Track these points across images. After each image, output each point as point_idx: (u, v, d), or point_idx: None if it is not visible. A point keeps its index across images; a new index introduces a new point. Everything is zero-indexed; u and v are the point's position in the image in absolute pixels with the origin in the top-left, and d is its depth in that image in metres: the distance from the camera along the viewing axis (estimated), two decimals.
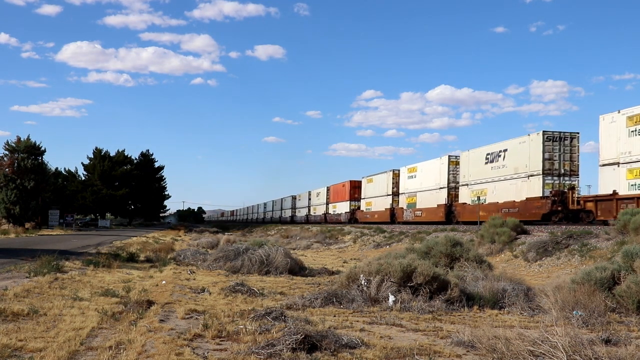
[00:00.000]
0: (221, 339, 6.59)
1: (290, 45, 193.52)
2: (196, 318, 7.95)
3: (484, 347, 6.11)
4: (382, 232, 32.77)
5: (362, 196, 51.07)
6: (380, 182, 46.50)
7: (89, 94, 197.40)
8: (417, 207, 38.53)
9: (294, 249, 27.02)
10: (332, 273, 15.84)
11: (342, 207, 55.88)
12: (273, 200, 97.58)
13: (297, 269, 15.55)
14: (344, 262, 21.21)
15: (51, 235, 38.76)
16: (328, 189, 62.75)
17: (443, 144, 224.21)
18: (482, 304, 9.44)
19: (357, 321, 8.05)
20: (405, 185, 41.22)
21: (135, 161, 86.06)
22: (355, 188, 53.56)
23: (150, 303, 8.90)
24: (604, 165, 21.62)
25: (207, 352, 5.97)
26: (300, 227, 49.26)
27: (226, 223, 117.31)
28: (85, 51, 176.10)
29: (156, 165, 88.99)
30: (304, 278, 14.55)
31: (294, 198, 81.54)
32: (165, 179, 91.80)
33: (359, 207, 51.66)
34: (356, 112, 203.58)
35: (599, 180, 22.06)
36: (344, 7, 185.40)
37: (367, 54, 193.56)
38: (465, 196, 32.86)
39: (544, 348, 5.48)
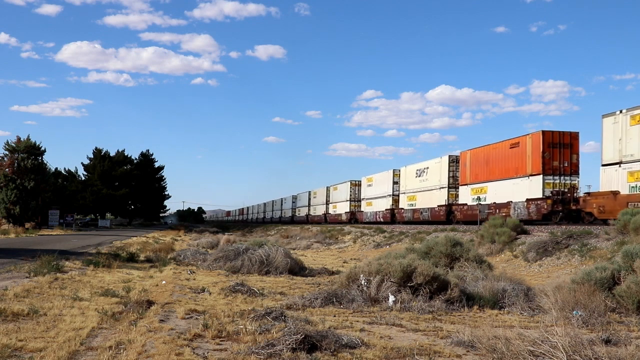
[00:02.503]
0: (221, 339, 6.59)
1: (290, 45, 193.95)
2: (196, 318, 7.95)
3: (484, 347, 6.10)
4: (382, 232, 32.78)
5: (619, 158, 20.22)
6: None
7: (89, 94, 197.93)
8: None
9: (294, 249, 27.02)
10: (332, 273, 15.83)
11: (506, 190, 28.12)
12: (310, 192, 66.23)
13: (297, 269, 15.55)
14: (344, 262, 21.21)
15: (51, 235, 38.76)
16: (453, 160, 34.81)
17: (443, 144, 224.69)
18: (482, 304, 9.44)
19: (357, 321, 8.04)
20: None
21: (135, 161, 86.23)
22: (554, 147, 25.34)
23: (150, 303, 8.89)
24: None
25: (207, 352, 5.97)
26: (300, 227, 48.82)
27: (228, 223, 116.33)
28: (85, 51, 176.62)
29: (156, 165, 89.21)
30: (304, 278, 14.55)
31: (355, 185, 51.25)
32: (165, 179, 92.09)
33: (573, 189, 25.13)
34: (356, 112, 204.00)
35: None
36: (344, 7, 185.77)
37: (367, 54, 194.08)
38: None
39: (544, 348, 5.48)
